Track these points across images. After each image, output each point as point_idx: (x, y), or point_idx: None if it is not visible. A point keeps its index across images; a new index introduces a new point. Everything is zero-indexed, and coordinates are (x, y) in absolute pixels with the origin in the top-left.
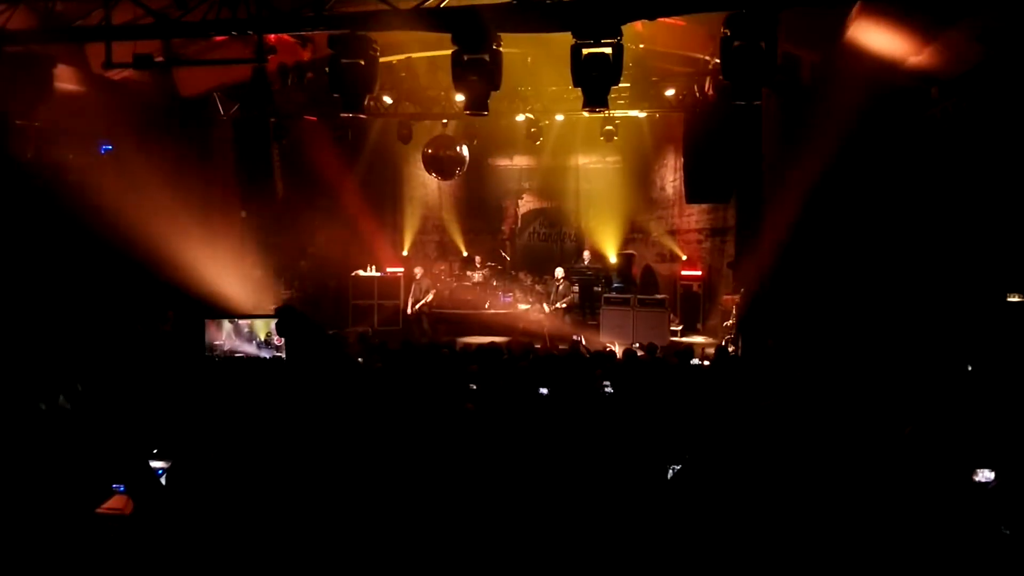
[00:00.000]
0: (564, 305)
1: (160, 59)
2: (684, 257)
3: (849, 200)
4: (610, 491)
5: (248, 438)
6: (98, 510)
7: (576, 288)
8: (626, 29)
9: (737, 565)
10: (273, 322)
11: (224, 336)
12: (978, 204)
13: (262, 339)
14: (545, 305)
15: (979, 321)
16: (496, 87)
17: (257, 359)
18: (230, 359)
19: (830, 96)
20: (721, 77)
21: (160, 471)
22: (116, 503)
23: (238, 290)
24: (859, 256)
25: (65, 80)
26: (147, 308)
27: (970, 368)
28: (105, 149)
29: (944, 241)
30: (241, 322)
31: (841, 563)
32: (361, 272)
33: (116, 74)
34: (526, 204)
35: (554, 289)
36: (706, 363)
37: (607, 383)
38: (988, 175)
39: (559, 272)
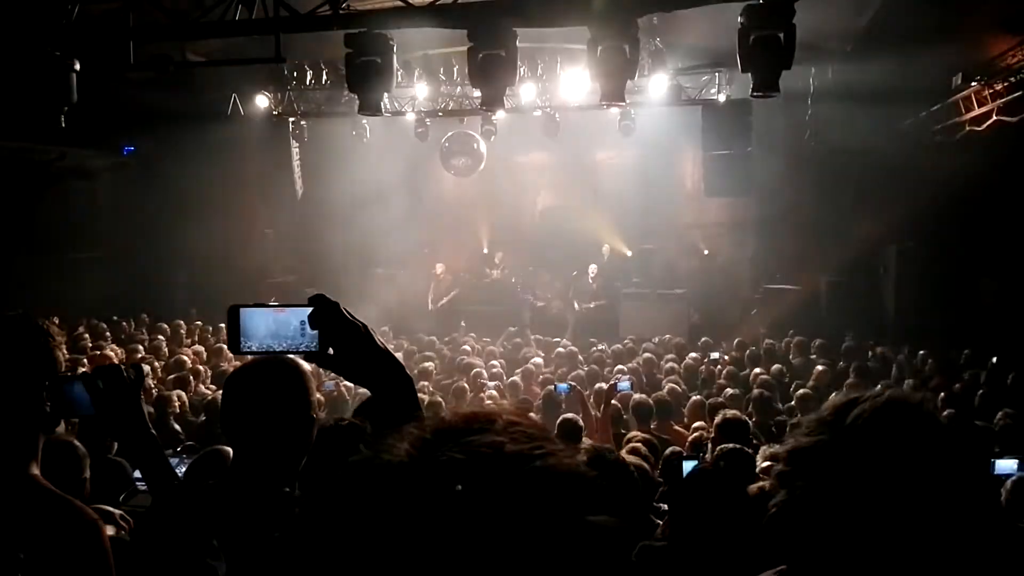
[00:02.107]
0: (594, 305)
1: (179, 60)
2: (706, 251)
3: (868, 193)
4: None
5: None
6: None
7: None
8: (642, 22)
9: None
10: (305, 312)
11: (258, 328)
12: (1000, 198)
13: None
14: (576, 303)
15: (1004, 311)
16: (512, 83)
17: (290, 351)
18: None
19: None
20: (739, 70)
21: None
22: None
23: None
24: (880, 246)
25: None
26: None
27: (995, 360)
28: (127, 151)
29: (970, 229)
30: (275, 312)
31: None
32: (380, 270)
33: (136, 75)
34: (544, 200)
35: (583, 285)
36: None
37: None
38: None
39: (592, 268)
